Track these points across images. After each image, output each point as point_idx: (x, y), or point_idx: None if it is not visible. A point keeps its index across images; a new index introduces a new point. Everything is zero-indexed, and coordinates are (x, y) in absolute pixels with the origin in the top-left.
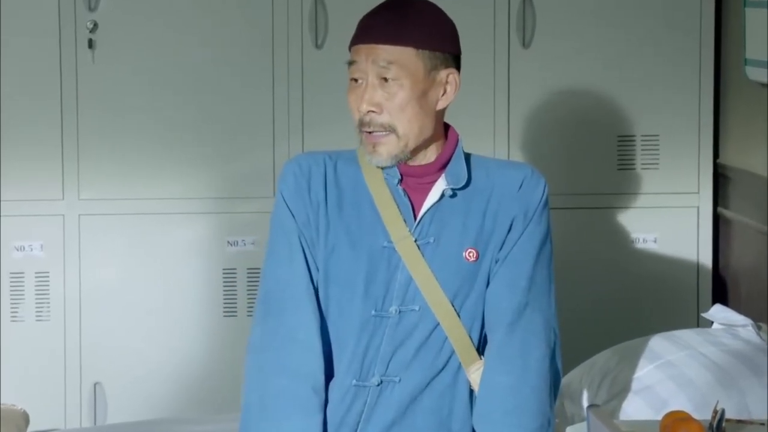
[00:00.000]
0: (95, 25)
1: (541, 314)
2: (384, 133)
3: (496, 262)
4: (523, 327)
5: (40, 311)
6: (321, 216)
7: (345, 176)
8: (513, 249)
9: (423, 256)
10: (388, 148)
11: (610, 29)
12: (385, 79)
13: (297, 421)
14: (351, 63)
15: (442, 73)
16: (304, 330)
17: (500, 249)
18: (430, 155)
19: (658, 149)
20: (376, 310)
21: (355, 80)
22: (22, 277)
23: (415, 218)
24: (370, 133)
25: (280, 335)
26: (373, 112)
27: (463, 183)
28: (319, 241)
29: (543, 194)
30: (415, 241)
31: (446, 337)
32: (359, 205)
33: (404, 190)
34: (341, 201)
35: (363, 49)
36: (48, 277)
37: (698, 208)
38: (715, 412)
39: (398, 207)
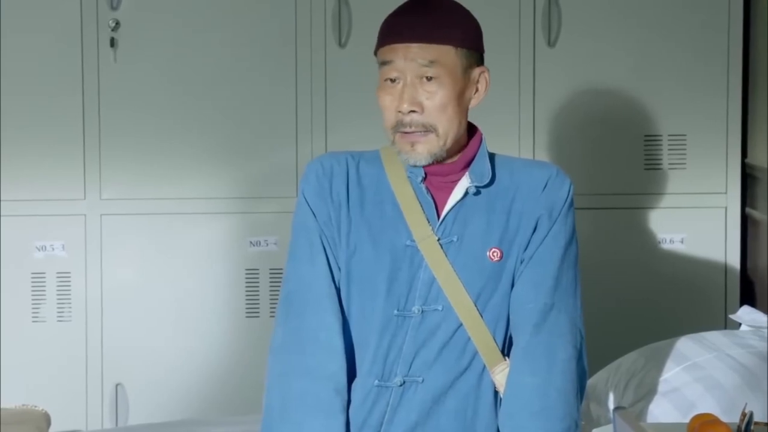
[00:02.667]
0: (117, 23)
1: (567, 315)
2: (423, 132)
3: (521, 262)
4: (549, 328)
5: (62, 312)
6: (343, 216)
7: (367, 175)
8: (538, 249)
9: (446, 255)
10: (427, 147)
11: (637, 28)
12: (427, 78)
13: (319, 423)
14: (385, 63)
15: (476, 71)
16: (326, 331)
17: (525, 249)
18: (454, 154)
19: (685, 149)
20: (398, 310)
21: (390, 80)
22: (44, 278)
23: (439, 217)
24: (406, 132)
25: (302, 336)
26: (414, 111)
27: (486, 181)
28: (341, 240)
29: (568, 194)
30: (438, 240)
31: (469, 338)
32: (382, 204)
33: (427, 188)
34: (363, 200)
35: (400, 48)
36: (69, 277)
37: (726, 208)
38: (744, 414)
39: (421, 205)
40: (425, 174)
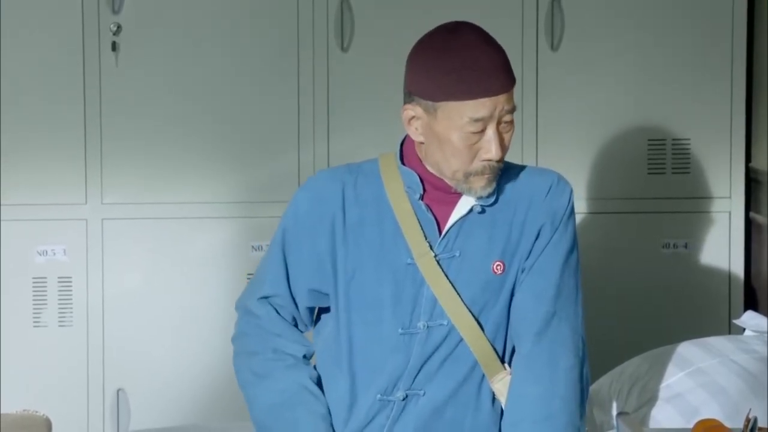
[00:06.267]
0: (119, 27)
1: (569, 323)
2: None
3: (522, 271)
4: (551, 337)
5: (63, 316)
6: (338, 241)
7: (366, 192)
8: (540, 258)
9: (446, 271)
10: (497, 177)
11: (640, 32)
12: (506, 122)
13: (291, 375)
14: (476, 119)
15: None
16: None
17: (527, 258)
18: None
19: (689, 153)
20: (403, 328)
21: (475, 132)
22: (45, 282)
23: (440, 232)
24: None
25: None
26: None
27: (492, 200)
28: (337, 267)
29: (569, 201)
30: (436, 256)
31: (470, 350)
32: (381, 222)
33: (427, 205)
34: (363, 220)
35: (489, 102)
36: (71, 282)
37: (730, 213)
38: (748, 420)
39: (419, 222)
40: (425, 189)
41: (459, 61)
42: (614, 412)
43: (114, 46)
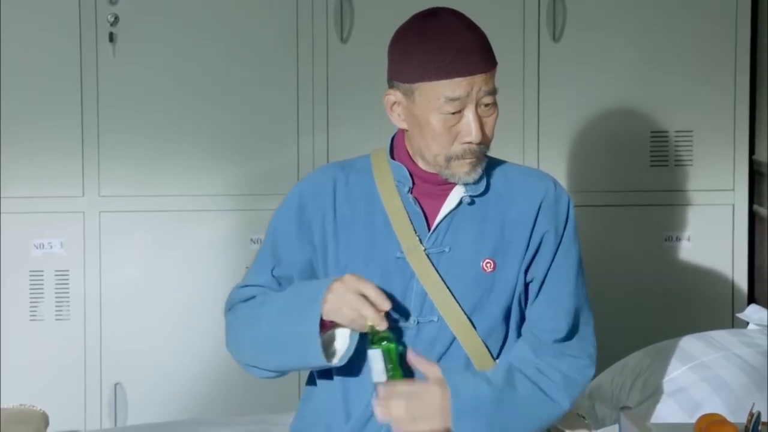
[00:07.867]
0: (116, 18)
1: (586, 328)
2: None
3: (531, 281)
4: (570, 350)
5: (60, 310)
6: (329, 237)
7: (358, 189)
8: (551, 268)
9: (435, 265)
10: (481, 163)
11: (642, 22)
12: (485, 105)
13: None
14: (452, 99)
15: None
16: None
17: (529, 263)
18: None
19: (691, 145)
20: (392, 323)
21: (452, 113)
22: (42, 275)
23: (429, 226)
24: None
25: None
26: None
27: (482, 190)
28: (327, 265)
29: (569, 208)
30: (425, 250)
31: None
32: (372, 217)
33: (415, 198)
34: (355, 215)
35: (465, 82)
36: (68, 275)
37: (733, 205)
38: (751, 414)
39: (409, 216)
40: (415, 183)
41: (435, 42)
42: (616, 407)
43: (111, 37)
